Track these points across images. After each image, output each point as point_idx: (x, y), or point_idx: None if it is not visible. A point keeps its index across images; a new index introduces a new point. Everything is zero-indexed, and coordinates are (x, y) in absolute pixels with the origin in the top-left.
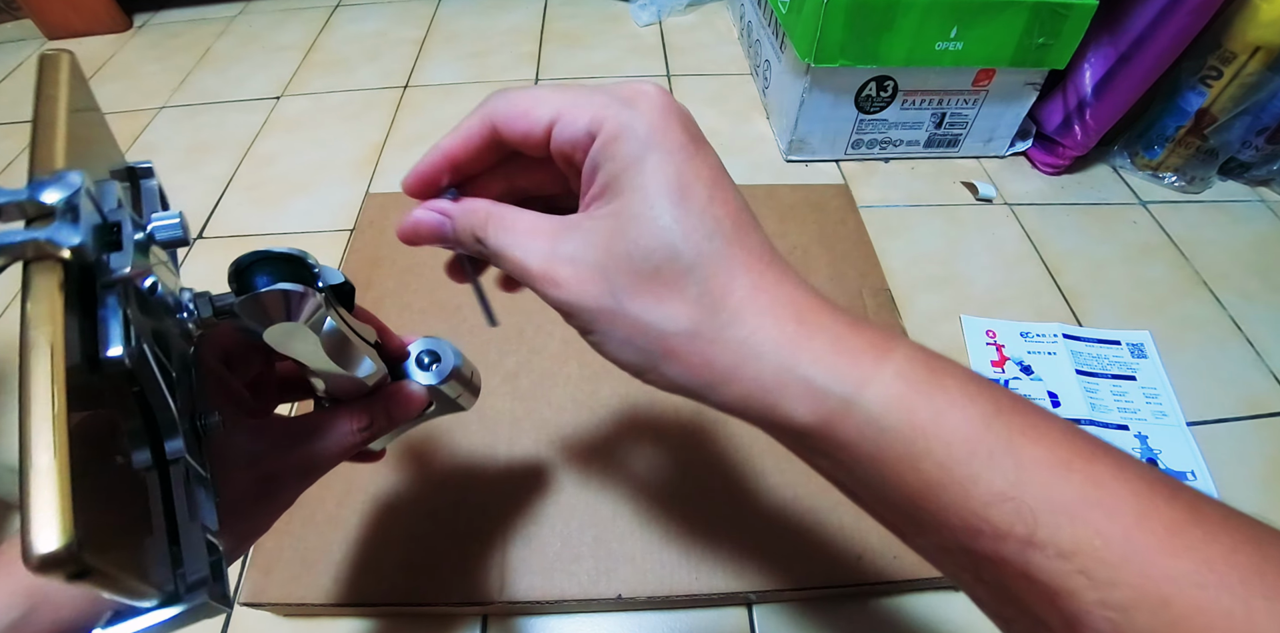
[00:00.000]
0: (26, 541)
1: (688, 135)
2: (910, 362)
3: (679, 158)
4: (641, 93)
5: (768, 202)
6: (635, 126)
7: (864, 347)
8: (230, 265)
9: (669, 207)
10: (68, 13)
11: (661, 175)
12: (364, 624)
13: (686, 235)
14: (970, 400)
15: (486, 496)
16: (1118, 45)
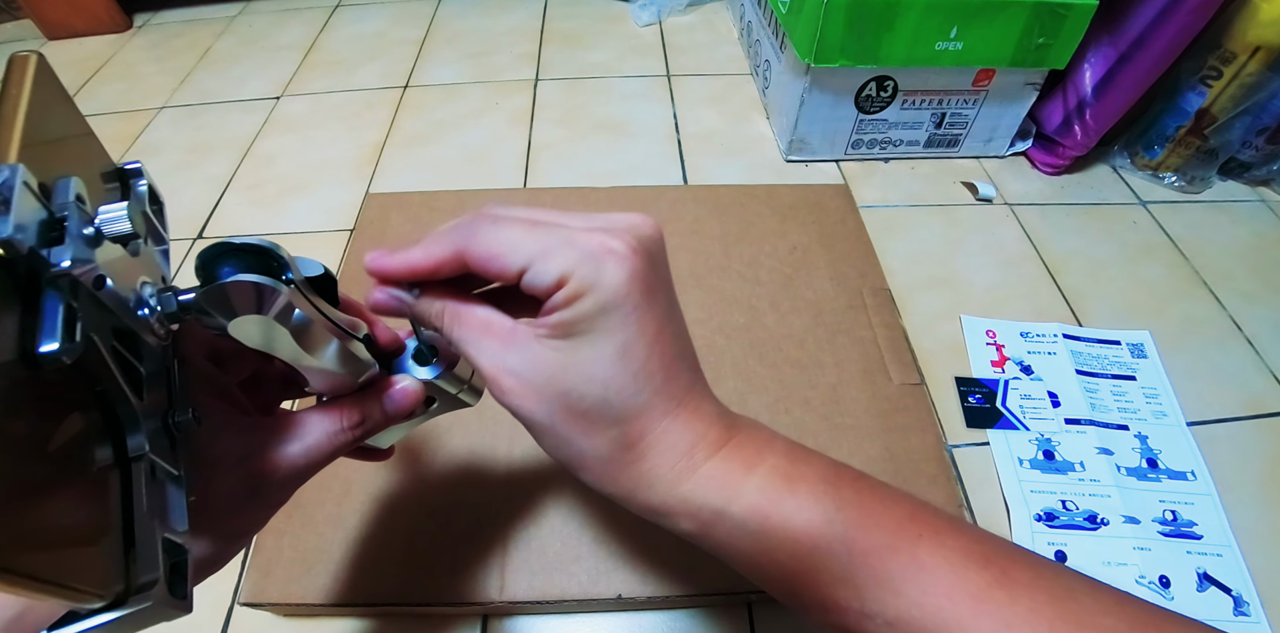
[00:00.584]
0: None
1: (643, 292)
2: (770, 475)
3: (630, 319)
4: (610, 252)
5: (768, 202)
6: (598, 288)
7: (736, 466)
8: (196, 259)
9: (609, 365)
10: (68, 13)
11: (609, 337)
12: (364, 624)
13: (619, 391)
14: (815, 502)
15: (486, 496)
16: (1118, 45)
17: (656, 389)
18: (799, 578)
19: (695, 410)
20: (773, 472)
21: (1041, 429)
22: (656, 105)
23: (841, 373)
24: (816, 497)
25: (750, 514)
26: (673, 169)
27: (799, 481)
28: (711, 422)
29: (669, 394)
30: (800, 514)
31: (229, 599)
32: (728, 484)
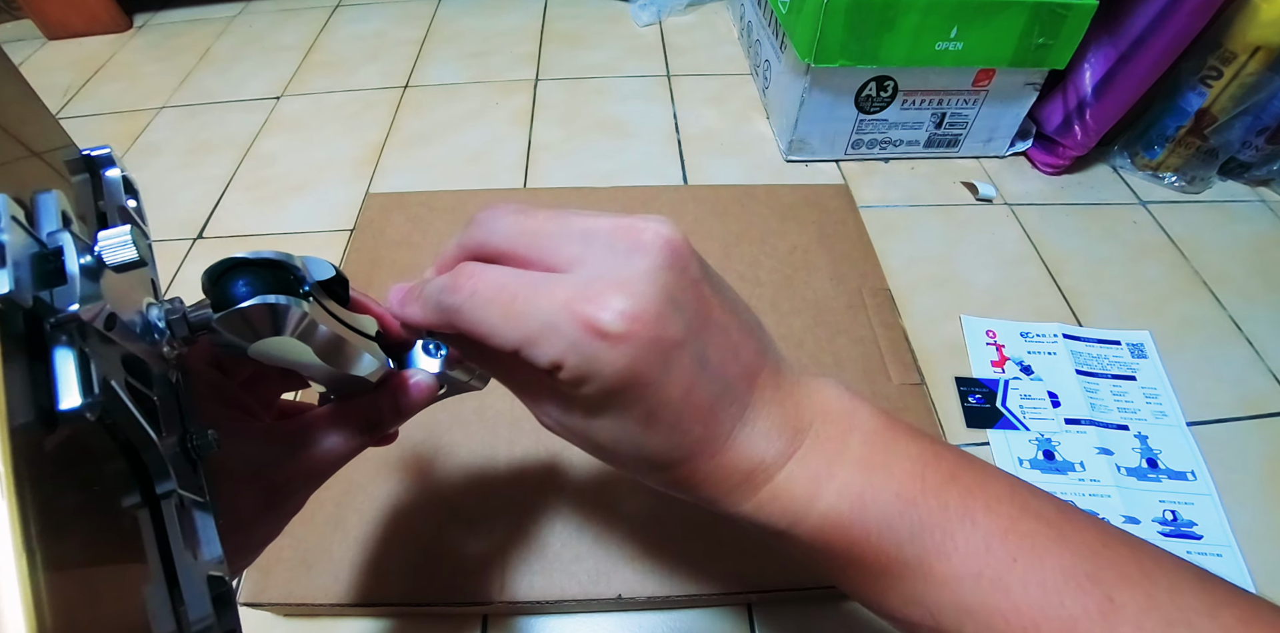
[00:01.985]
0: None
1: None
2: (839, 497)
3: (646, 393)
4: (601, 336)
5: (768, 202)
6: (596, 377)
7: (799, 489)
8: (203, 275)
9: (636, 433)
10: (68, 13)
11: (627, 412)
12: (364, 624)
13: (653, 451)
14: (887, 525)
15: (486, 496)
16: (1118, 45)
17: (697, 438)
18: (871, 593)
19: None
20: (840, 494)
21: (1041, 429)
22: (656, 105)
23: (841, 373)
24: (889, 519)
25: (815, 537)
26: (673, 169)
27: (872, 500)
28: (772, 440)
29: (712, 438)
30: (869, 539)
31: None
32: (790, 509)
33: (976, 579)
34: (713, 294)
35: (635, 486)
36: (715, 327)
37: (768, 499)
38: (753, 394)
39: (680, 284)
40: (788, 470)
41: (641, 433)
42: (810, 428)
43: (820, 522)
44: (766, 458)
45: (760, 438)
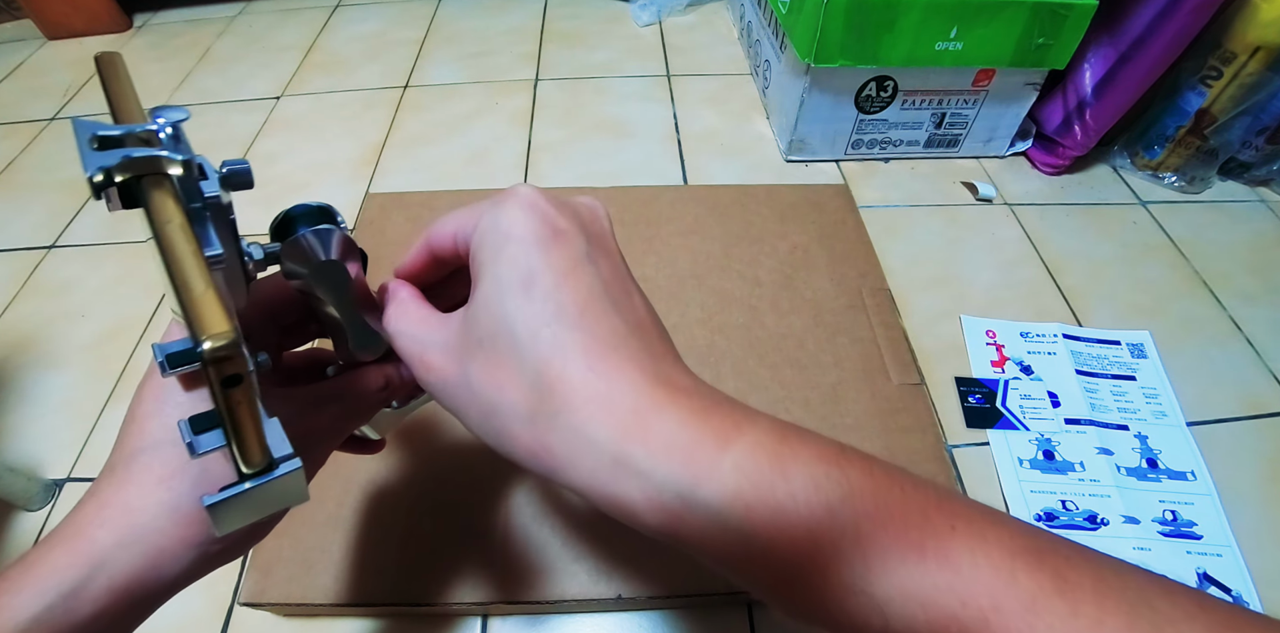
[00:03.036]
0: (200, 334)
1: (548, 228)
2: (754, 451)
3: (533, 248)
4: (511, 193)
5: (768, 202)
6: (498, 222)
7: (706, 436)
8: (271, 225)
9: (512, 293)
10: (68, 13)
11: (511, 264)
12: (364, 624)
13: (525, 321)
14: (815, 488)
15: (487, 495)
16: (1118, 45)
17: (571, 323)
18: (799, 586)
19: (632, 358)
20: (755, 448)
21: (1041, 429)
22: (656, 105)
23: (841, 373)
24: (816, 482)
25: (730, 503)
26: (673, 169)
27: (791, 460)
28: (660, 377)
29: (592, 333)
30: (796, 504)
31: (229, 599)
32: (695, 458)
33: (920, 555)
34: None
35: None
36: (609, 261)
37: (662, 443)
38: (640, 331)
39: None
40: (686, 416)
41: (514, 295)
42: (711, 395)
43: (735, 479)
44: (657, 394)
45: (647, 368)
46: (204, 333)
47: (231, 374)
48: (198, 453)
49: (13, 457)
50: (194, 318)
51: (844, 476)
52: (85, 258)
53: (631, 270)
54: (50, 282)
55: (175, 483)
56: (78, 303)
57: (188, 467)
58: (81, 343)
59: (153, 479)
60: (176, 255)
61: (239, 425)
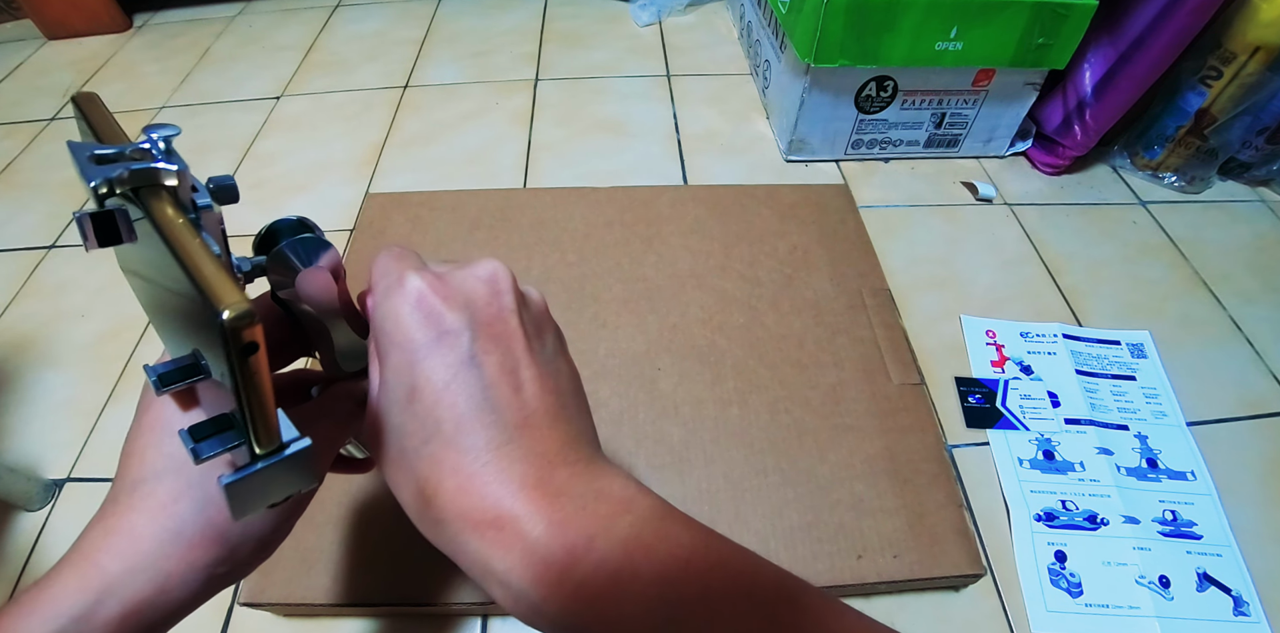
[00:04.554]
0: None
1: (432, 329)
2: (595, 572)
3: (415, 357)
4: (399, 285)
5: (768, 202)
6: (386, 321)
7: (555, 557)
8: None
9: (398, 408)
10: (68, 13)
11: (395, 375)
12: (364, 624)
13: (409, 436)
14: (644, 613)
15: None
16: (1118, 45)
17: (446, 440)
18: None
19: (499, 471)
20: (597, 569)
21: (1041, 429)
22: (656, 105)
23: (841, 373)
24: (646, 604)
25: (568, 616)
26: (673, 169)
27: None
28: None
29: (462, 448)
30: (623, 624)
31: (229, 599)
32: (544, 577)
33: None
34: (523, 332)
35: None
36: (502, 350)
37: (519, 561)
38: (523, 433)
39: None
40: (543, 531)
41: (402, 414)
42: (578, 499)
43: (575, 595)
44: (518, 506)
45: (515, 479)
46: (220, 303)
47: (249, 342)
48: (201, 458)
49: (13, 457)
50: (209, 292)
51: (674, 596)
52: (85, 258)
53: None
54: (50, 282)
55: (178, 509)
56: (78, 303)
57: (190, 492)
58: (81, 343)
59: (156, 506)
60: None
61: (255, 398)
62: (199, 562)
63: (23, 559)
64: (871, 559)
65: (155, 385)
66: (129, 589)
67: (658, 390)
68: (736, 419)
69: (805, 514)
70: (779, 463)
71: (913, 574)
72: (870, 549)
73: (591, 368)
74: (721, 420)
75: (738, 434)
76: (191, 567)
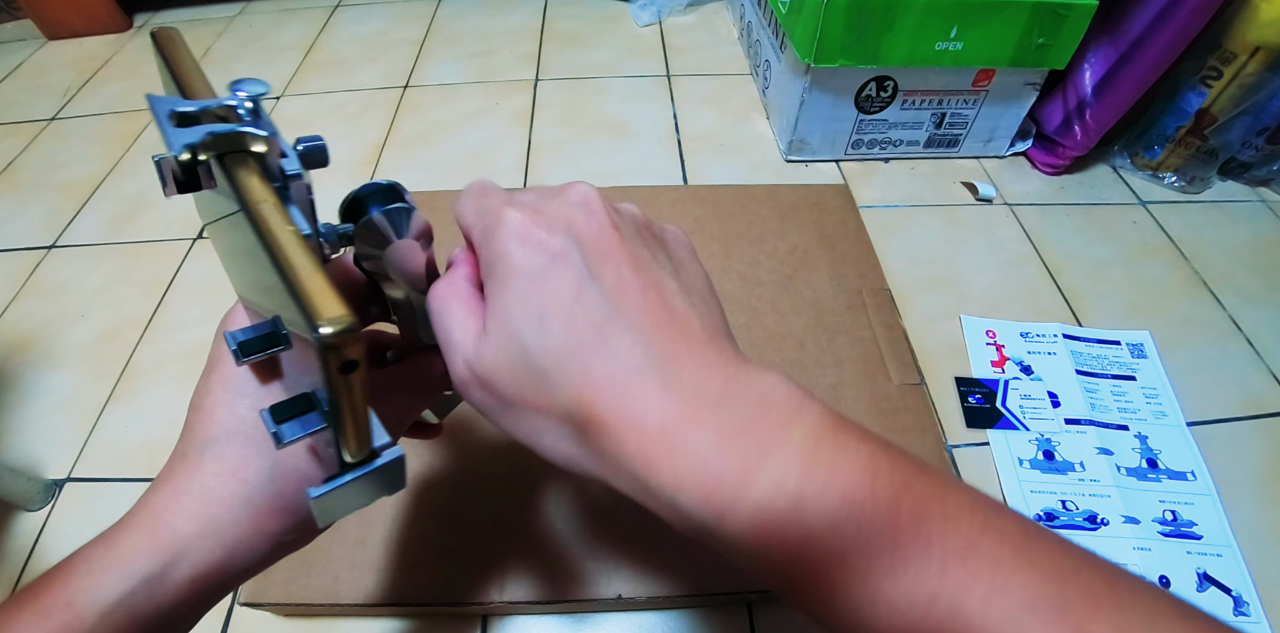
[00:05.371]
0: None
1: (544, 256)
2: (777, 487)
3: (535, 283)
4: (499, 223)
5: (768, 202)
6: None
7: (729, 469)
8: (340, 206)
9: (529, 329)
10: (68, 13)
11: (518, 301)
12: (364, 624)
13: (548, 354)
14: (830, 533)
15: (487, 495)
16: (1118, 45)
17: (593, 351)
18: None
19: (661, 381)
20: (779, 483)
21: (1041, 429)
22: (656, 105)
23: (841, 373)
24: (831, 523)
25: (749, 538)
26: (673, 169)
27: (813, 499)
28: (692, 396)
29: (614, 356)
30: (808, 545)
31: (229, 599)
32: (717, 495)
33: (930, 605)
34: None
35: None
36: (614, 263)
37: (688, 476)
38: (665, 334)
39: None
40: (711, 444)
41: (535, 334)
42: (740, 408)
43: (753, 517)
44: (683, 415)
45: (672, 384)
46: (320, 317)
47: (349, 360)
48: (284, 443)
49: (13, 457)
50: (307, 301)
51: (861, 520)
52: (85, 258)
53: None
54: (50, 282)
55: (249, 475)
56: (78, 303)
57: (260, 460)
58: (81, 343)
59: (226, 470)
60: (276, 236)
61: (348, 414)
62: (267, 530)
63: (23, 559)
64: None
65: (236, 355)
66: (200, 554)
67: None
68: None
69: None
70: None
71: None
72: None
73: None
74: None
75: None
76: (259, 535)
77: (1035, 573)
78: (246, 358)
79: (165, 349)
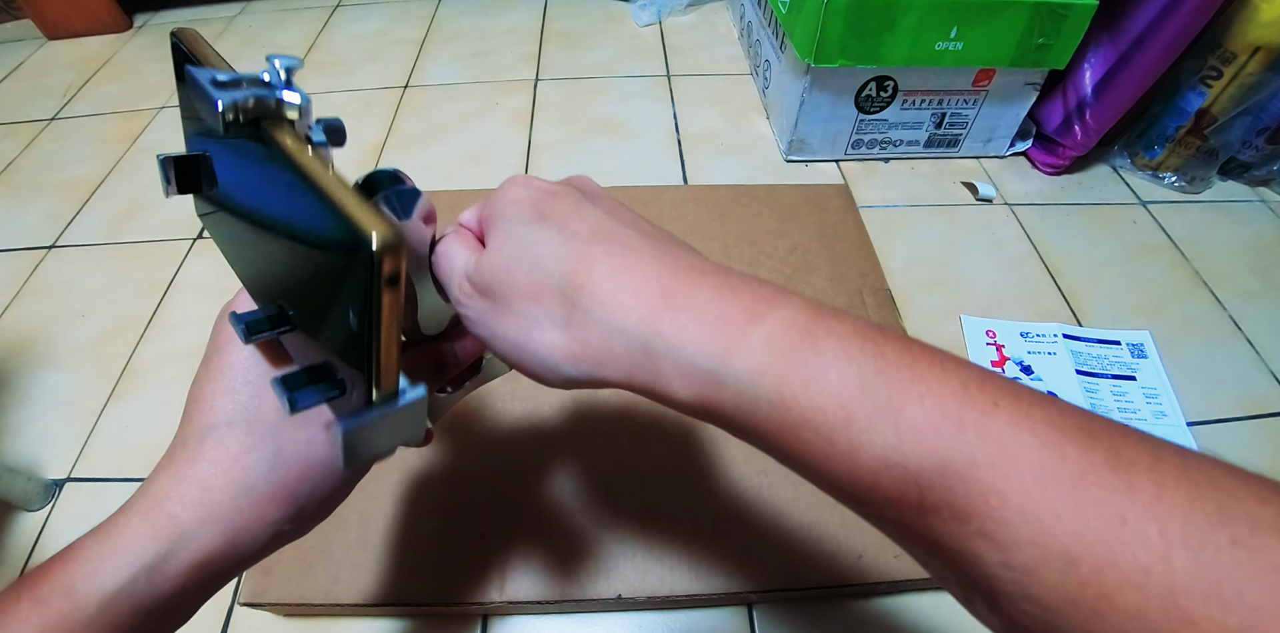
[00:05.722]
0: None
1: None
2: (785, 326)
3: (536, 202)
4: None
5: (768, 202)
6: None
7: (736, 313)
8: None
9: (528, 227)
10: (68, 13)
11: (519, 212)
12: (364, 624)
13: (546, 242)
14: (848, 361)
15: (487, 495)
16: (1118, 45)
17: (588, 237)
18: (831, 463)
19: (654, 252)
20: (787, 322)
21: None
22: (656, 105)
23: None
24: (849, 355)
25: (760, 376)
26: (673, 169)
27: (824, 335)
28: (684, 264)
29: (609, 240)
30: (828, 378)
31: (229, 599)
32: (724, 332)
33: (959, 427)
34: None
35: (636, 485)
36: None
37: (691, 323)
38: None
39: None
40: (713, 297)
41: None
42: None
43: (765, 354)
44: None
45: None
46: (367, 229)
47: (394, 273)
48: (298, 408)
49: (13, 457)
50: (353, 218)
51: (879, 350)
52: (85, 258)
53: None
54: (50, 282)
55: (249, 462)
56: (78, 303)
57: (260, 447)
58: (81, 343)
59: (227, 457)
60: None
61: (384, 337)
62: (268, 518)
63: (23, 559)
64: (872, 559)
65: (242, 334)
66: (200, 541)
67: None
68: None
69: (805, 514)
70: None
71: (913, 574)
72: (870, 549)
73: None
74: None
75: None
76: (260, 522)
77: (1051, 404)
78: (253, 337)
79: (165, 349)
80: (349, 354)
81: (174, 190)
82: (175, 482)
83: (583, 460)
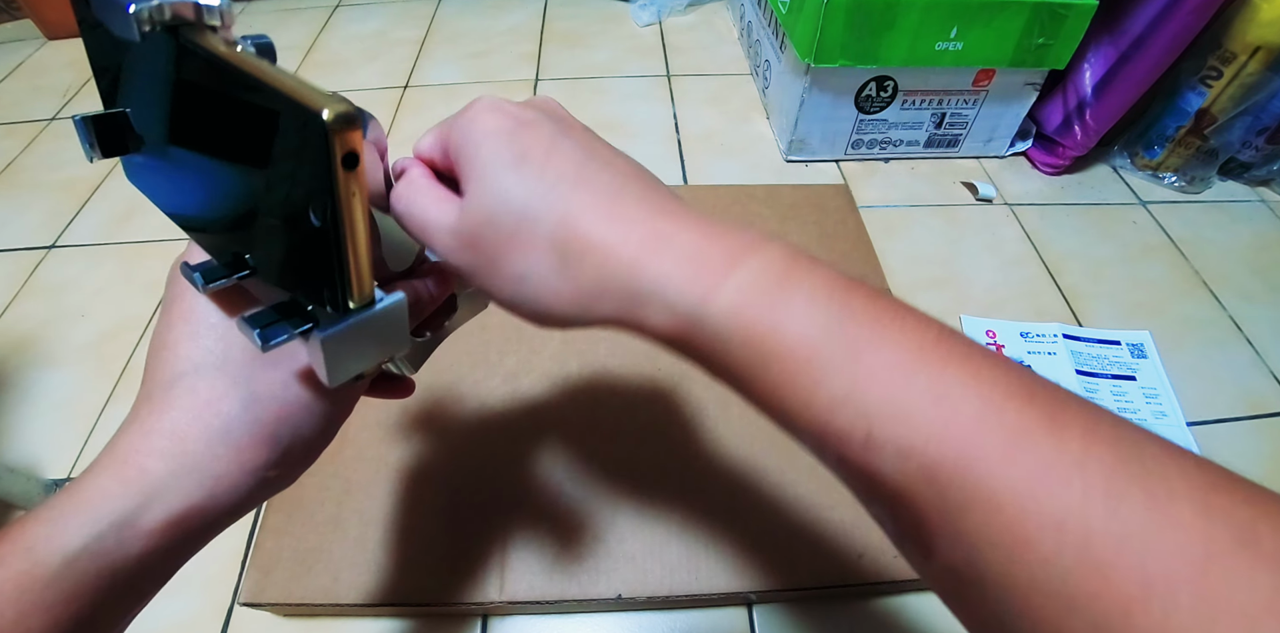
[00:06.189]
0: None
1: (515, 120)
2: (761, 271)
3: (510, 136)
4: (472, 103)
5: (768, 202)
6: (471, 125)
7: (715, 256)
8: None
9: (506, 174)
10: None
11: (494, 152)
12: (364, 624)
13: (529, 192)
14: (815, 308)
15: (486, 495)
16: (1118, 45)
17: (573, 183)
18: (792, 399)
19: (641, 201)
20: (764, 268)
21: None
22: (656, 105)
23: None
24: (816, 302)
25: (731, 319)
26: (673, 169)
27: (796, 283)
28: (670, 212)
29: (594, 188)
30: (793, 321)
31: (229, 599)
32: (703, 276)
33: (909, 377)
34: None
35: (635, 485)
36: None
37: (673, 266)
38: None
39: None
40: (697, 241)
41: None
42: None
43: (738, 298)
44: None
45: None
46: (316, 104)
47: (350, 151)
48: (270, 344)
49: (13, 457)
50: (301, 97)
51: (845, 300)
52: (85, 258)
53: None
54: (50, 282)
55: (224, 407)
56: (78, 303)
57: (234, 390)
58: (81, 343)
59: (199, 403)
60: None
61: (353, 229)
62: (249, 464)
63: None
64: (872, 559)
65: (198, 282)
66: (175, 493)
67: (658, 390)
68: (737, 418)
69: (805, 514)
70: (779, 463)
71: (913, 574)
72: (871, 549)
73: (592, 367)
74: (722, 420)
75: (738, 434)
76: (241, 469)
77: (1000, 369)
78: (210, 284)
79: None
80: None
81: (98, 154)
82: (144, 435)
83: (583, 461)
